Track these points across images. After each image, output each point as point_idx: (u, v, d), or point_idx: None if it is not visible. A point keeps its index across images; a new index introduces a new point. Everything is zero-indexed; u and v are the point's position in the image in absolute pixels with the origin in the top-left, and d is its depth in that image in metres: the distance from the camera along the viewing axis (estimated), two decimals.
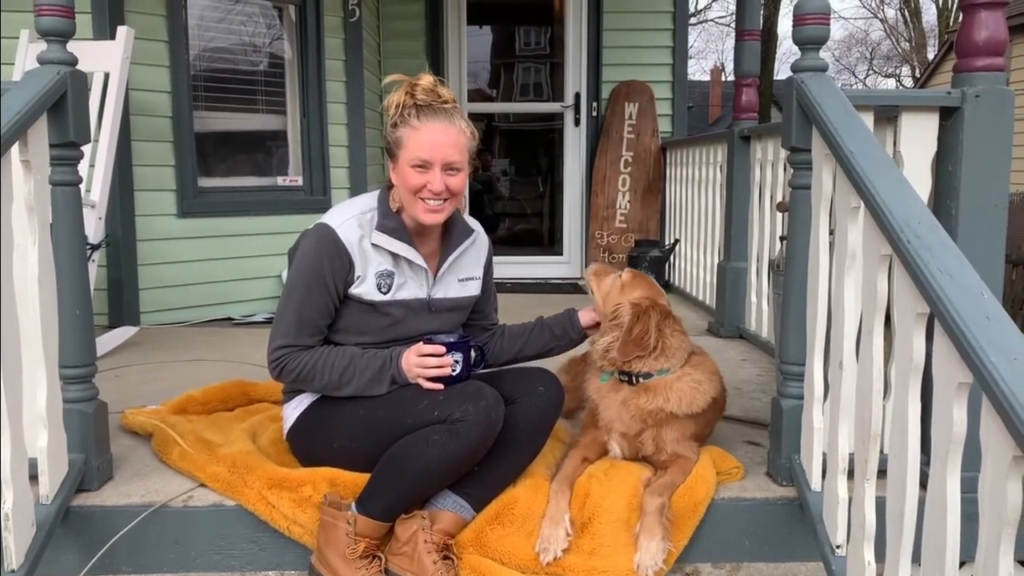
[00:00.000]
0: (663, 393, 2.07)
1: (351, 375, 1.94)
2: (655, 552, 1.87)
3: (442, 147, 1.91)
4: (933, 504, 1.37)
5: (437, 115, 1.92)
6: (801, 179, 2.05)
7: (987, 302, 1.29)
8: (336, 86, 4.82)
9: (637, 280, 2.19)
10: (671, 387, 2.08)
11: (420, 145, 1.90)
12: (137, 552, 1.97)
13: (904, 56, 30.32)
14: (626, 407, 2.10)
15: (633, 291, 2.16)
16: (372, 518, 1.86)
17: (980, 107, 1.94)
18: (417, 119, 1.91)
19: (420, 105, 1.92)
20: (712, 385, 2.15)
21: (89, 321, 2.02)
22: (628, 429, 2.11)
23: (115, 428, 2.35)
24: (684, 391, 2.08)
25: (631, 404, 2.10)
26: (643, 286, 2.18)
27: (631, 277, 2.20)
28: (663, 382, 2.09)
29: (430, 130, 1.91)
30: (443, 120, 1.92)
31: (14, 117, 1.66)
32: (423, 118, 1.91)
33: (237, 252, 4.42)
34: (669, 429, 2.09)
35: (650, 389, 2.08)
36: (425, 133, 1.91)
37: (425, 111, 1.92)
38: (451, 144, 1.92)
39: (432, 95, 1.93)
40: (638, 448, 2.12)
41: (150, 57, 4.03)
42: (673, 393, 2.07)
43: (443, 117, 1.92)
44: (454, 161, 1.93)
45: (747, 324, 3.81)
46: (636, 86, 5.83)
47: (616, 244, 5.77)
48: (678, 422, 2.09)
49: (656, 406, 2.06)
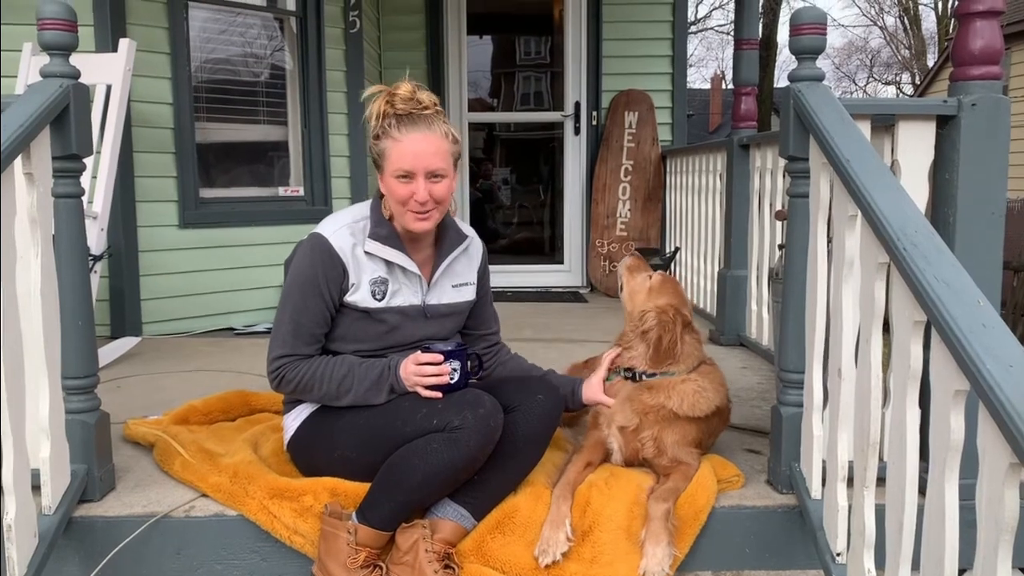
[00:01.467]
0: (665, 391, 2.11)
1: (349, 384, 1.95)
2: (661, 558, 1.87)
3: (424, 156, 1.91)
4: (932, 511, 1.37)
5: (417, 124, 1.92)
6: (799, 188, 2.06)
7: (983, 310, 1.29)
8: (337, 97, 4.84)
9: (666, 286, 2.25)
10: (674, 387, 2.12)
11: (402, 156, 1.91)
12: (139, 562, 1.97)
13: (904, 63, 30.39)
14: (629, 401, 2.14)
15: (660, 297, 2.21)
16: (373, 527, 1.86)
17: (976, 115, 1.96)
18: (397, 130, 1.92)
19: (400, 115, 1.92)
20: (716, 394, 2.17)
21: (91, 332, 2.03)
22: (628, 423, 2.13)
23: (117, 439, 2.35)
24: (687, 393, 2.11)
25: (634, 399, 2.13)
26: (670, 292, 2.23)
27: (660, 282, 2.25)
28: (667, 382, 2.12)
29: (411, 140, 1.91)
30: (423, 128, 1.92)
31: (17, 130, 1.67)
32: (403, 129, 1.91)
33: (239, 262, 4.43)
34: (670, 431, 2.10)
35: (653, 387, 2.12)
36: (407, 144, 1.91)
37: (405, 120, 1.92)
38: (433, 152, 1.92)
39: (411, 103, 1.93)
40: (638, 448, 2.13)
41: (152, 69, 4.05)
42: (675, 392, 2.11)
43: (423, 125, 1.92)
44: (437, 168, 1.93)
45: (747, 332, 3.82)
46: (636, 95, 5.85)
47: (617, 252, 5.77)
48: (679, 424, 2.10)
49: (657, 402, 2.10)
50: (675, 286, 2.27)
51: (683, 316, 2.18)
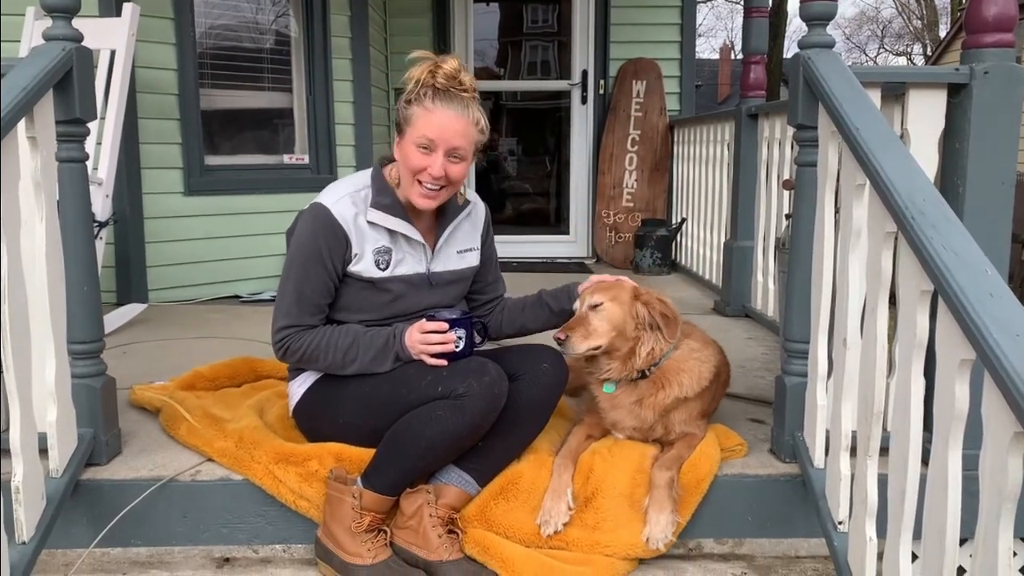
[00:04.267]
0: (676, 379, 2.05)
1: (355, 354, 1.95)
2: (665, 525, 1.89)
3: (450, 133, 1.90)
4: (935, 480, 1.37)
5: (452, 101, 1.91)
6: (807, 156, 2.04)
7: (991, 279, 1.28)
8: (342, 64, 4.80)
9: (595, 294, 2.06)
10: (681, 370, 2.06)
11: (429, 125, 1.89)
12: (147, 525, 2.00)
13: (916, 34, 30.03)
14: (641, 406, 2.07)
15: (601, 295, 2.04)
16: (377, 492, 1.88)
17: (989, 84, 1.93)
18: (432, 101, 1.90)
19: (439, 88, 1.90)
20: (711, 351, 2.15)
21: (96, 297, 2.03)
22: (642, 423, 2.09)
23: (123, 404, 2.37)
24: (693, 370, 2.08)
25: (647, 402, 2.07)
26: (603, 291, 2.06)
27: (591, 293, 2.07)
28: (672, 365, 2.07)
29: (442, 114, 1.89)
30: (457, 107, 1.91)
31: (20, 93, 1.66)
32: (438, 101, 1.90)
33: (244, 230, 4.43)
34: (677, 412, 2.09)
35: (663, 378, 2.06)
36: (437, 115, 1.89)
37: (442, 95, 1.90)
38: (460, 132, 1.91)
39: (453, 81, 1.91)
40: (647, 435, 2.12)
41: (156, 34, 4.02)
42: (685, 376, 2.06)
43: (458, 104, 1.91)
44: (459, 148, 1.92)
45: (753, 303, 3.81)
46: (644, 64, 5.79)
47: (622, 223, 5.75)
48: (687, 403, 2.09)
49: (673, 398, 2.05)
50: (597, 284, 2.10)
51: (631, 286, 2.08)
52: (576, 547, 1.91)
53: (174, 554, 2.02)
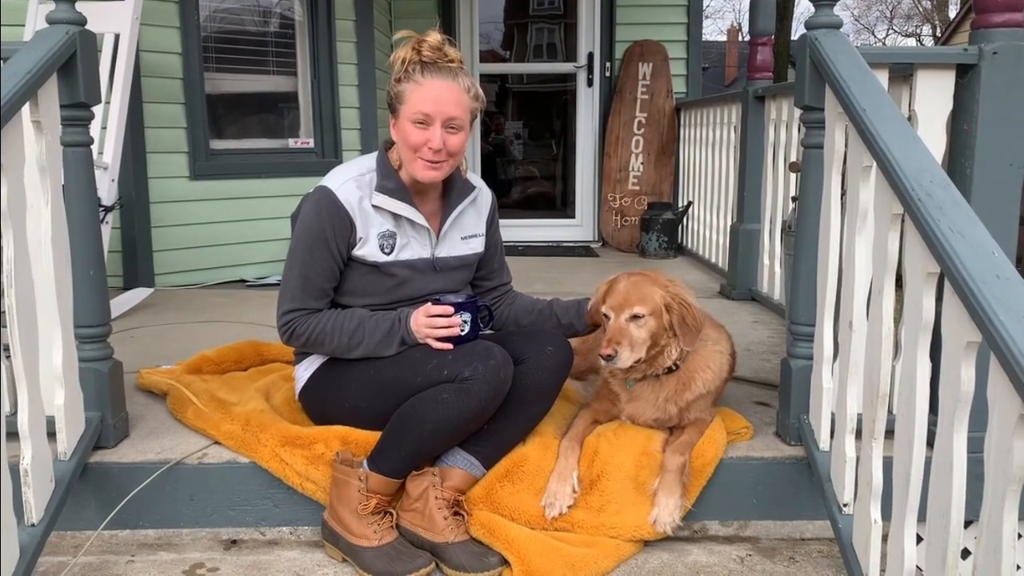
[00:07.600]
0: (700, 376, 2.05)
1: (360, 338, 1.96)
2: (673, 509, 1.89)
3: (444, 103, 1.89)
4: (940, 463, 1.37)
5: (441, 72, 1.91)
6: (814, 138, 2.03)
7: (998, 261, 1.28)
8: (346, 47, 4.78)
9: (611, 295, 2.02)
10: (707, 367, 2.07)
11: (423, 99, 1.89)
12: (154, 507, 2.01)
13: (925, 15, 29.76)
14: (669, 402, 2.06)
15: (641, 307, 1.98)
16: (384, 475, 1.89)
17: (998, 64, 1.91)
18: (421, 75, 1.90)
19: (425, 62, 1.91)
20: (725, 340, 2.16)
21: (103, 281, 2.04)
22: (665, 416, 2.09)
23: (130, 388, 2.38)
24: (715, 366, 2.08)
25: (672, 398, 2.06)
26: (640, 302, 1.98)
27: (631, 305, 1.99)
28: (698, 361, 2.07)
29: (433, 86, 1.89)
30: (447, 78, 1.91)
31: (24, 77, 1.66)
32: (427, 74, 1.90)
33: (249, 214, 4.44)
34: (697, 403, 2.08)
35: (689, 375, 2.05)
36: (428, 88, 1.89)
37: (430, 68, 1.90)
38: (453, 101, 1.91)
39: (438, 53, 1.92)
40: (664, 424, 2.12)
41: (160, 18, 4.01)
42: (709, 373, 2.06)
43: (447, 75, 1.91)
44: (455, 117, 1.92)
45: (759, 286, 3.81)
46: (650, 46, 5.76)
47: (628, 207, 5.74)
48: (707, 395, 2.09)
49: (697, 394, 2.05)
50: (613, 285, 2.04)
51: (657, 278, 2.03)
52: (581, 529, 1.92)
53: (182, 536, 2.03)
